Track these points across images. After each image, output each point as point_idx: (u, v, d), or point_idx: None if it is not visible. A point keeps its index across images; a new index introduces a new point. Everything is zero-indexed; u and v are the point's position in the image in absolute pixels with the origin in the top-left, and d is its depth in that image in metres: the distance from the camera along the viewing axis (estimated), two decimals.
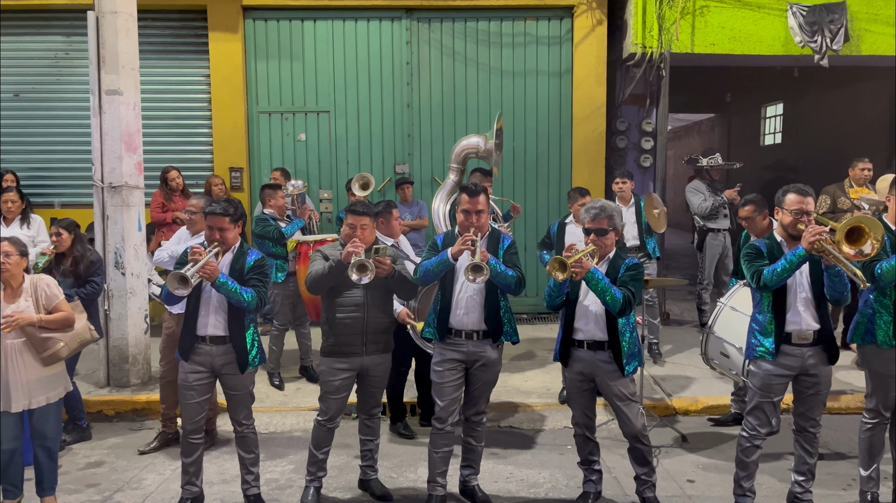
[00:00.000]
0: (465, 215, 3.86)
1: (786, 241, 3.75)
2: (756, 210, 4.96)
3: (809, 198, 3.71)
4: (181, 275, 3.56)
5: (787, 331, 3.69)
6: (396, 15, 8.12)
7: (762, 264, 3.67)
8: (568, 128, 8.31)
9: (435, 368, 3.96)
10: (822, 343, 3.72)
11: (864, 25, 7.86)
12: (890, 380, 3.78)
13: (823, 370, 3.74)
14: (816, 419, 3.82)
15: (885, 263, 3.58)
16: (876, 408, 3.85)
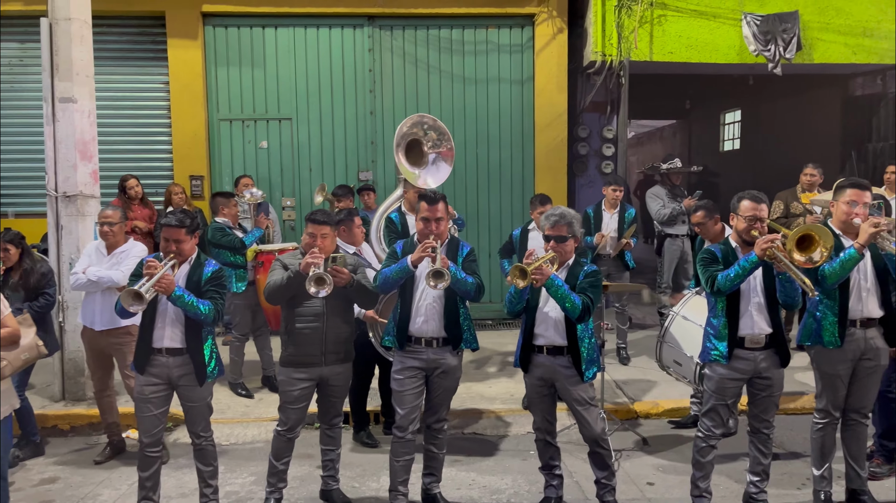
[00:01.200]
0: (424, 223, 3.87)
1: (740, 247, 3.83)
2: (707, 216, 5.07)
3: (763, 204, 3.79)
4: (135, 292, 3.49)
5: (741, 335, 3.76)
6: (358, 22, 8.12)
7: (716, 269, 3.74)
8: (530, 135, 8.39)
9: (395, 376, 3.96)
10: (775, 346, 3.80)
11: (815, 34, 8.08)
12: (838, 381, 3.87)
13: (776, 373, 3.83)
14: (770, 420, 3.90)
15: (827, 266, 3.68)
16: (826, 408, 3.95)
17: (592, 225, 6.81)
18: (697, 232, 5.28)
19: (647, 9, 7.92)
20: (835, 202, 3.95)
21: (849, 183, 3.91)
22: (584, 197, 8.79)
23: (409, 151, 5.68)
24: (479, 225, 8.48)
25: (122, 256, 4.81)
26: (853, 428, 4.00)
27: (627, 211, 6.76)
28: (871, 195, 3.88)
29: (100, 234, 4.89)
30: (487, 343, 7.59)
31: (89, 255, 4.92)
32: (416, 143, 5.73)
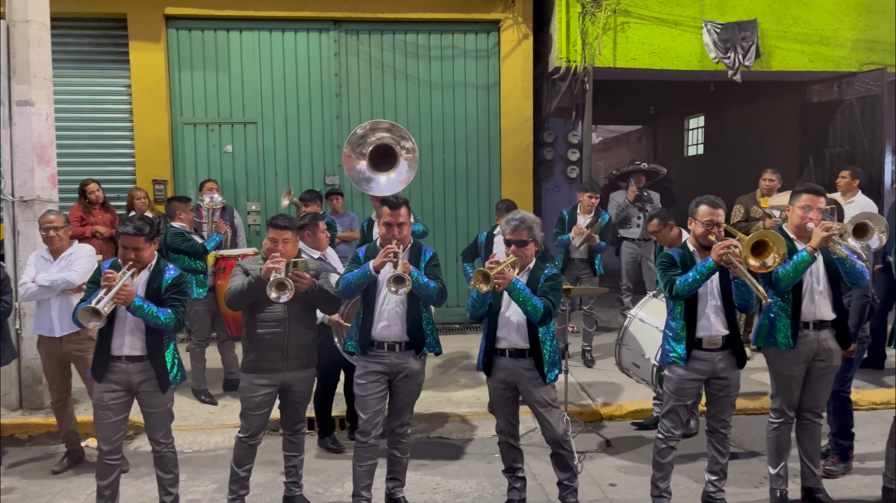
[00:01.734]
0: (386, 228, 3.87)
1: (698, 251, 3.90)
2: (661, 223, 5.17)
3: (720, 209, 3.86)
4: (92, 309, 3.42)
5: (699, 337, 3.84)
6: (324, 27, 8.10)
7: (675, 273, 3.81)
8: (496, 140, 8.44)
9: (358, 381, 3.95)
10: (731, 348, 3.88)
11: (773, 42, 8.27)
12: (792, 381, 3.97)
13: (732, 373, 3.91)
14: (727, 420, 3.98)
15: (781, 269, 3.77)
16: (781, 408, 4.04)
17: (567, 227, 6.91)
18: (655, 240, 5.38)
19: (611, 16, 8.04)
20: (790, 207, 4.04)
21: (804, 188, 4.00)
22: (550, 201, 8.88)
23: (379, 157, 5.72)
24: (445, 229, 8.51)
25: (70, 259, 4.74)
26: (808, 427, 4.10)
27: (602, 216, 6.85)
28: (825, 200, 3.99)
29: (44, 239, 4.79)
30: (454, 347, 7.61)
31: (34, 264, 4.83)
32: (388, 149, 5.77)
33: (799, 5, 8.27)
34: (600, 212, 6.88)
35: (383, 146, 5.75)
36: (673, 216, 5.30)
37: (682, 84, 10.44)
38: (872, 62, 8.33)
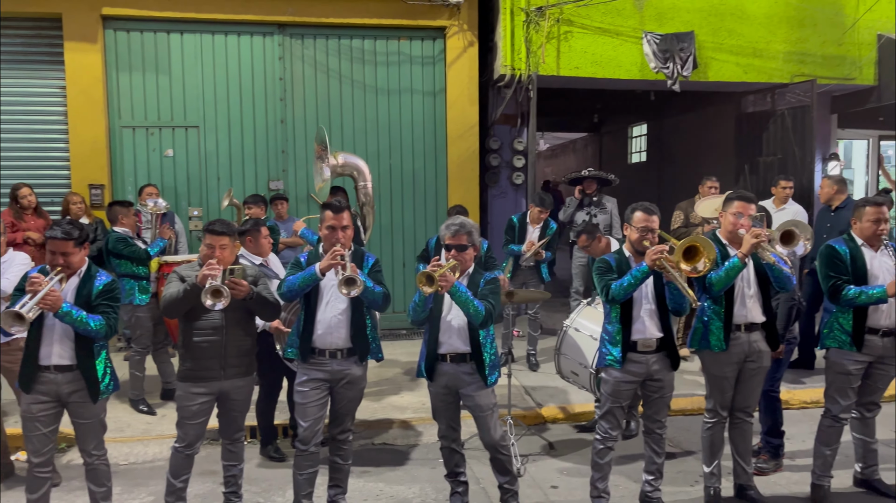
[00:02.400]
0: (330, 231, 3.85)
1: (633, 256, 3.99)
2: (589, 238, 5.31)
3: (654, 216, 3.96)
4: (15, 313, 3.29)
5: (634, 340, 3.93)
6: (268, 30, 8.01)
7: (611, 278, 3.90)
8: (443, 146, 8.48)
9: (298, 388, 3.91)
10: (665, 350, 3.99)
11: (710, 54, 8.54)
12: (725, 382, 4.09)
13: (667, 375, 4.01)
14: (662, 421, 4.08)
15: (714, 274, 3.89)
16: (714, 408, 4.16)
17: (517, 234, 7.00)
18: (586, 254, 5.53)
19: (554, 25, 8.17)
20: (723, 213, 4.17)
21: (736, 195, 4.14)
22: (496, 207, 8.97)
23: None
24: (392, 235, 8.50)
25: (4, 266, 4.57)
26: (739, 426, 4.23)
27: (550, 226, 6.98)
28: (756, 207, 4.13)
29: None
30: (401, 353, 7.60)
31: None
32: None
33: (734, 18, 8.55)
34: (549, 222, 6.99)
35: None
36: (599, 230, 5.47)
37: (625, 93, 10.69)
38: (803, 74, 8.68)
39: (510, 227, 7.10)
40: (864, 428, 4.40)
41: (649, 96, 10.38)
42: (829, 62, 8.79)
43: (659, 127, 13.89)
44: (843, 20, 8.73)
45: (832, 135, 9.99)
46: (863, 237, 4.16)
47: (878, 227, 4.10)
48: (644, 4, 8.38)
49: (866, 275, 4.09)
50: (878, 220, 4.10)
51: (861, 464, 4.49)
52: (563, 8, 8.14)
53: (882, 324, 4.10)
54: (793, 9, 8.65)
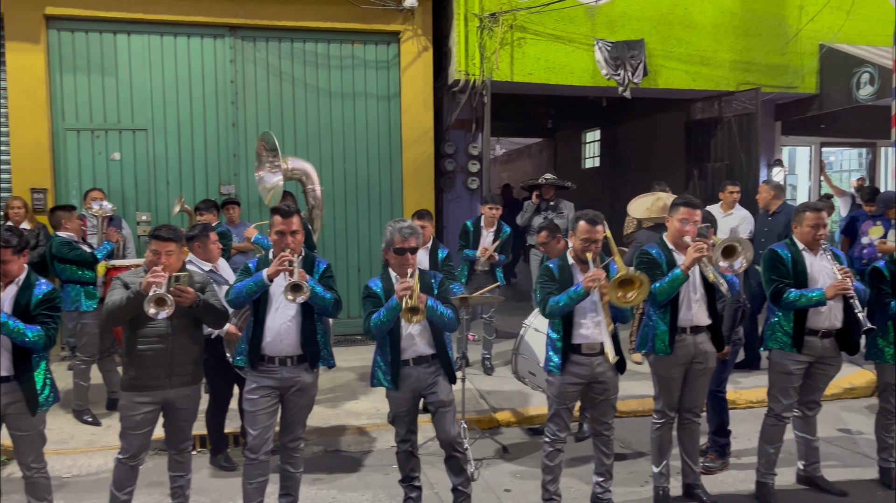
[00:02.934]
0: (279, 236, 3.80)
1: (576, 264, 4.04)
2: (550, 236, 5.35)
3: (599, 226, 3.98)
4: None
5: (577, 343, 3.97)
6: (219, 32, 7.89)
7: (551, 290, 3.96)
8: (398, 150, 8.46)
9: (248, 396, 3.85)
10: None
11: (659, 61, 8.72)
12: (672, 383, 4.17)
13: (612, 378, 4.05)
14: (609, 422, 4.12)
15: (658, 285, 3.98)
16: (662, 409, 4.24)
17: (472, 239, 7.02)
18: (542, 251, 5.56)
19: (508, 31, 8.24)
20: (669, 219, 4.25)
21: (682, 202, 4.22)
22: (452, 212, 8.99)
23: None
24: (347, 240, 8.44)
25: None
26: (687, 426, 4.31)
27: (503, 229, 7.02)
28: (700, 213, 4.21)
29: None
30: (356, 358, 7.55)
31: None
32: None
33: (682, 27, 8.75)
34: (502, 225, 7.03)
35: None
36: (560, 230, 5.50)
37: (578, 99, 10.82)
38: (748, 82, 8.93)
39: (464, 232, 7.13)
40: (806, 426, 4.53)
41: (601, 102, 10.54)
42: (772, 71, 9.06)
43: (612, 132, 14.12)
44: (786, 30, 9.02)
45: (776, 141, 10.29)
46: (803, 241, 4.29)
47: (817, 231, 4.23)
48: (595, 12, 8.52)
49: (806, 279, 4.21)
50: (816, 225, 4.23)
51: (804, 462, 4.62)
52: (517, 14, 8.22)
53: (822, 325, 4.23)
54: (738, 19, 8.89)
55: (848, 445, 5.39)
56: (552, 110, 14.25)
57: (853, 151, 11.62)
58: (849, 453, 5.23)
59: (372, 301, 3.87)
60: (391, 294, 3.81)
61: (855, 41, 9.13)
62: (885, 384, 4.56)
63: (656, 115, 11.33)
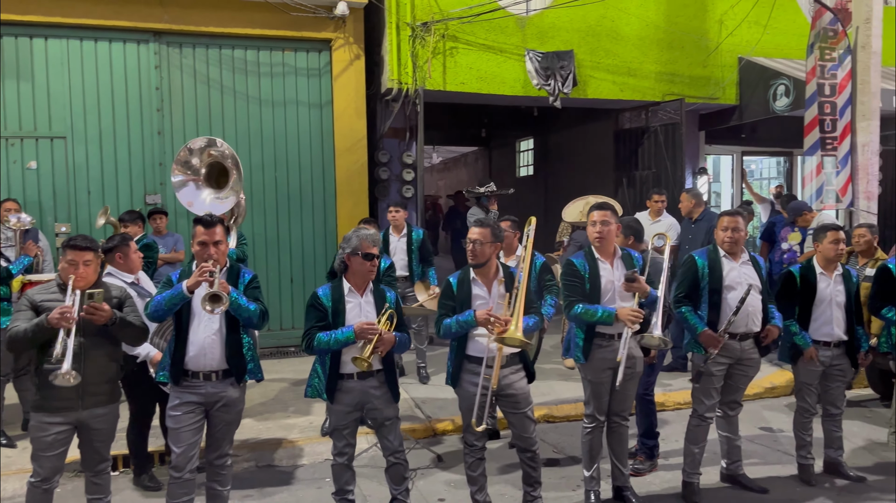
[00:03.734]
0: (201, 247, 3.69)
1: (478, 278, 4.01)
2: (514, 227, 5.35)
3: (483, 229, 3.96)
4: None
5: (479, 356, 3.95)
6: (143, 38, 7.65)
7: (448, 308, 3.99)
8: (331, 159, 8.37)
9: (171, 413, 3.72)
10: (521, 363, 4.07)
11: (588, 72, 8.91)
12: (601, 387, 4.23)
13: (522, 389, 4.04)
14: (530, 437, 4.08)
15: (580, 307, 4.12)
16: (592, 413, 4.30)
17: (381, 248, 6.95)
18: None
19: (440, 40, 8.28)
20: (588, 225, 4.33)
21: (594, 206, 4.31)
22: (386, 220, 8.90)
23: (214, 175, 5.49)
24: (279, 249, 8.29)
25: None
26: (616, 430, 4.38)
27: (414, 232, 6.98)
28: (610, 213, 4.24)
29: None
30: (289, 370, 7.42)
31: None
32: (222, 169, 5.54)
33: (609, 39, 8.98)
34: (412, 228, 7.00)
35: (220, 165, 5.55)
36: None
37: (511, 108, 10.97)
38: (673, 93, 9.22)
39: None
40: (728, 426, 4.68)
41: (533, 112, 10.69)
42: (695, 82, 9.38)
43: (544, 141, 14.34)
44: (708, 44, 9.36)
45: (701, 150, 10.66)
46: (721, 247, 4.44)
47: (728, 234, 4.38)
48: (526, 23, 8.65)
49: (721, 285, 4.36)
50: (727, 228, 4.39)
51: (726, 461, 4.77)
52: (449, 24, 8.27)
53: (738, 329, 4.38)
54: (662, 32, 9.18)
55: (769, 443, 5.59)
56: (486, 119, 14.41)
57: (772, 160, 12.13)
58: (770, 451, 5.43)
59: (316, 312, 3.79)
60: (339, 305, 3.77)
61: (771, 54, 9.56)
62: (801, 384, 4.76)
63: (587, 125, 11.58)
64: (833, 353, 4.67)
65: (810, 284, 4.62)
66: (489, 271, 3.99)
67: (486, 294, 3.96)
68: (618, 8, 8.95)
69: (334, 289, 3.85)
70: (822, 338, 4.65)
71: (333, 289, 3.85)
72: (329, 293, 3.83)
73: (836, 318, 4.63)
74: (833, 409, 4.82)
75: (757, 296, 4.38)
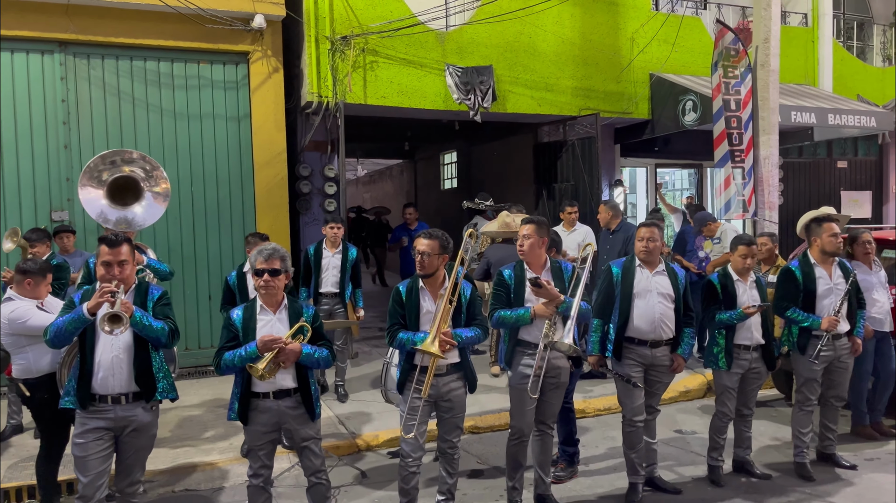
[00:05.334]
0: (105, 268, 3.56)
1: (426, 287, 4.06)
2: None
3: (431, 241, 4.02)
4: None
5: (424, 365, 3.99)
6: (48, 48, 7.32)
7: (397, 319, 4.04)
8: (249, 173, 8.20)
9: (76, 440, 3.55)
10: (460, 371, 4.11)
11: (507, 87, 9.08)
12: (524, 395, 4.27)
13: (457, 397, 4.10)
14: (453, 441, 4.17)
15: (504, 313, 4.25)
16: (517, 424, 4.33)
17: (312, 264, 6.84)
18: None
19: (360, 54, 8.27)
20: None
21: (524, 220, 4.42)
22: (308, 234, 8.83)
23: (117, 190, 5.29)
24: (196, 266, 8.06)
25: None
26: (541, 438, 4.45)
27: (350, 250, 6.89)
28: (534, 227, 4.35)
29: None
30: (207, 391, 7.22)
31: None
32: (129, 181, 5.35)
33: (527, 55, 9.18)
34: (347, 246, 6.91)
35: (127, 178, 5.35)
36: None
37: (433, 122, 11.04)
38: (588, 107, 9.50)
39: (306, 258, 6.94)
40: (645, 430, 4.82)
41: (454, 126, 10.81)
42: (610, 97, 9.71)
43: (467, 154, 14.51)
44: (620, 60, 9.70)
45: (616, 163, 11.01)
46: (637, 256, 4.61)
47: (643, 245, 4.57)
48: (445, 38, 8.75)
49: (631, 293, 4.54)
50: (643, 238, 4.59)
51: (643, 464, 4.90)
52: (368, 38, 8.28)
53: (648, 337, 4.55)
54: (578, 48, 9.46)
55: (682, 445, 5.80)
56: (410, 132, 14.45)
57: (684, 171, 12.65)
58: (683, 452, 5.63)
59: (227, 332, 3.74)
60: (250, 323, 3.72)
61: (680, 71, 9.99)
62: (722, 388, 4.96)
63: (507, 138, 11.79)
64: (752, 357, 4.90)
65: (729, 291, 4.84)
66: (436, 282, 4.02)
67: (433, 304, 4.00)
68: (535, 25, 9.17)
69: (246, 308, 3.80)
70: (743, 341, 4.87)
71: (245, 308, 3.80)
72: (241, 314, 3.77)
73: (754, 323, 4.86)
74: (745, 410, 5.05)
75: (668, 305, 4.56)
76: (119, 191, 5.38)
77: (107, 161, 5.39)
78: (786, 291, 5.07)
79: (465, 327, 4.03)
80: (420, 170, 17.82)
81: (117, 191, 5.37)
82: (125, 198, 5.40)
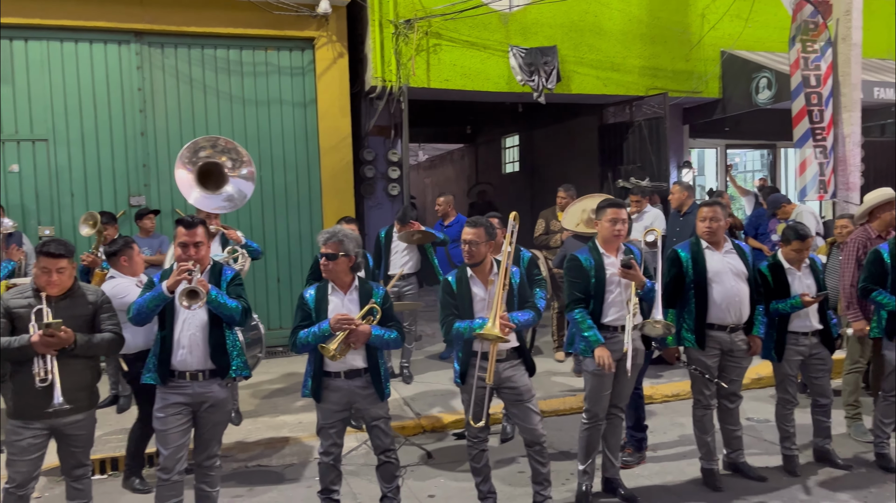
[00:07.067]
0: (182, 248, 3.68)
1: (475, 275, 4.02)
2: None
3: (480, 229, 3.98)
4: None
5: (485, 351, 3.92)
6: (124, 38, 7.59)
7: (450, 308, 4.00)
8: (315, 158, 8.34)
9: (157, 415, 3.70)
10: (520, 357, 4.07)
11: (572, 67, 8.93)
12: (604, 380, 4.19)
13: (521, 381, 4.03)
14: (533, 429, 4.04)
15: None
16: (592, 408, 4.26)
17: (383, 249, 6.95)
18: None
19: (423, 38, 8.27)
20: (598, 221, 4.31)
21: (607, 203, 4.31)
22: (372, 218, 8.94)
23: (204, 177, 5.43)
24: (265, 249, 8.23)
25: None
26: (612, 422, 4.37)
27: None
28: (625, 212, 4.27)
29: None
30: (277, 371, 7.41)
31: None
32: (214, 168, 5.48)
33: (592, 34, 9.00)
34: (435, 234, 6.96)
35: (213, 165, 5.49)
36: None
37: (496, 105, 10.98)
38: (656, 87, 9.26)
39: (377, 242, 7.07)
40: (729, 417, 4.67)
41: (517, 108, 10.71)
42: (678, 76, 9.43)
43: (529, 137, 14.37)
44: (690, 38, 9.41)
45: (685, 144, 10.72)
46: (702, 238, 4.47)
47: (706, 225, 4.41)
48: (509, 19, 8.66)
49: (706, 276, 4.38)
50: (705, 219, 4.43)
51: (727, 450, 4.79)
52: (431, 21, 8.26)
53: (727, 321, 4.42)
54: (645, 26, 9.21)
55: (754, 433, 5.63)
56: (471, 116, 14.42)
57: (756, 152, 12.23)
58: (756, 440, 5.47)
59: (301, 312, 3.84)
60: (321, 304, 3.79)
61: (753, 48, 9.62)
62: (783, 376, 4.79)
63: (571, 120, 11.61)
64: (811, 342, 4.71)
65: (780, 280, 4.66)
66: (485, 269, 4.00)
67: (484, 292, 3.97)
68: (600, 3, 8.97)
69: (319, 289, 3.88)
70: (799, 329, 4.68)
71: (318, 289, 3.89)
72: (314, 293, 3.86)
73: (811, 309, 4.66)
74: (822, 400, 4.85)
75: (744, 285, 4.42)
76: (204, 176, 5.52)
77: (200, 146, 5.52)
78: (870, 273, 4.83)
79: (518, 311, 3.98)
80: (481, 153, 17.76)
81: (204, 176, 5.51)
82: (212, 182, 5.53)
